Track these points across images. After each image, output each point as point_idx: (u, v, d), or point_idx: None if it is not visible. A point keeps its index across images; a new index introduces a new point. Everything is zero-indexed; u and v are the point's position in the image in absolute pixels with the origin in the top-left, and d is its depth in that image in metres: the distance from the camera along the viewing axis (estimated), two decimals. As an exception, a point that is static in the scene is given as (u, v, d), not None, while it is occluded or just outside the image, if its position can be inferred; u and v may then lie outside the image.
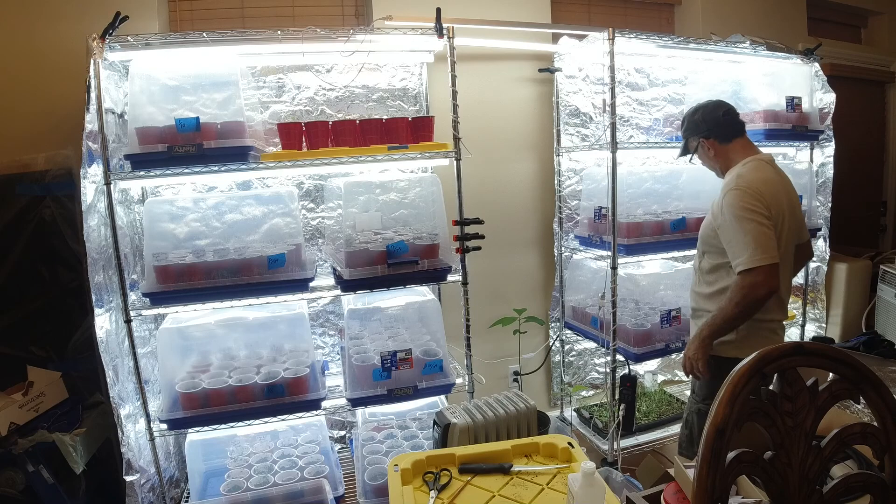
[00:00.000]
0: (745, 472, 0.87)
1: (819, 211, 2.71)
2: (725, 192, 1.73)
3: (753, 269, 1.60)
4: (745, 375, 0.86)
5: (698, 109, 1.91)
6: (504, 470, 1.31)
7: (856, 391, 0.90)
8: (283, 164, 1.91)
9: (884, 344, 2.59)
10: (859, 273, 2.84)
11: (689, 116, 1.93)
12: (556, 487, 1.24)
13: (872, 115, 3.83)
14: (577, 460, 1.30)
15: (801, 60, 2.63)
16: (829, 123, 2.66)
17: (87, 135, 1.66)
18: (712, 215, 1.77)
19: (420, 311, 2.18)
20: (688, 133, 1.94)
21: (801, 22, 3.28)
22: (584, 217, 2.49)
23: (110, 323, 1.75)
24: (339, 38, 1.94)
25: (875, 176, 3.92)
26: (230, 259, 1.86)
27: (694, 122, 1.91)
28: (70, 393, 1.99)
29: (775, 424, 0.87)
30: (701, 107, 1.91)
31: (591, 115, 2.63)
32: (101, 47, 1.71)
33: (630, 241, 2.20)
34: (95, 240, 1.69)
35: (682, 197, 2.48)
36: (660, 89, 2.76)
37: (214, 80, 1.87)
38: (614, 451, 2.27)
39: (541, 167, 2.65)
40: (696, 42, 2.41)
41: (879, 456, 0.91)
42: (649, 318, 2.27)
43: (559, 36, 2.47)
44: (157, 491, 1.90)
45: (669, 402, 2.61)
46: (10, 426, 1.78)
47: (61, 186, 1.99)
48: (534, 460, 1.35)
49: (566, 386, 2.71)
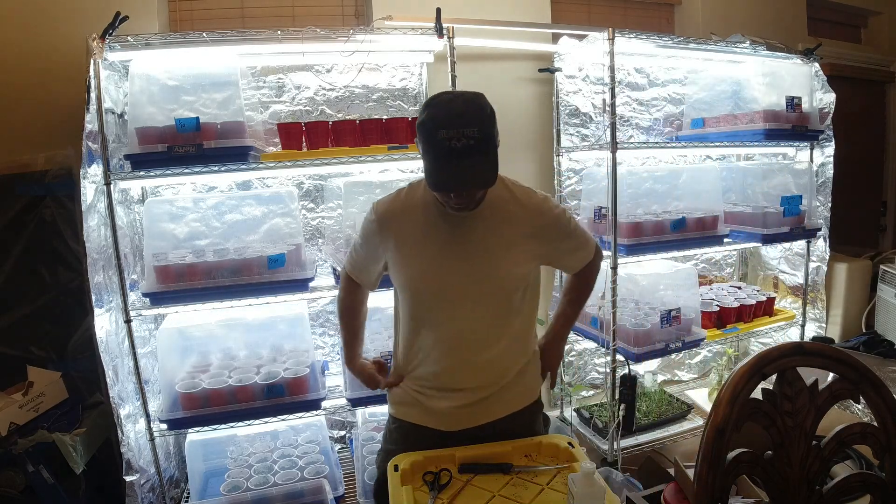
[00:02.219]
0: (745, 472, 0.87)
1: (819, 211, 2.71)
2: (546, 209, 1.40)
3: (598, 249, 1.55)
4: (745, 375, 0.86)
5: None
6: (504, 470, 1.30)
7: (856, 391, 0.90)
8: (283, 164, 1.91)
9: (884, 344, 2.59)
10: (859, 273, 2.84)
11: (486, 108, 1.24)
12: (556, 487, 1.24)
13: (872, 115, 3.83)
14: (578, 460, 1.30)
15: (801, 60, 2.63)
16: (829, 123, 2.66)
17: (87, 135, 1.66)
18: (539, 239, 1.39)
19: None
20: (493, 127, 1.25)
21: (801, 22, 3.28)
22: (584, 217, 2.48)
23: (110, 323, 1.75)
24: (339, 38, 1.94)
25: (875, 176, 3.93)
26: (230, 259, 1.86)
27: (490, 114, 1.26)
28: (70, 393, 1.99)
29: (775, 424, 0.87)
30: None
31: (591, 115, 2.63)
32: (101, 47, 1.71)
33: (630, 241, 2.20)
34: (95, 240, 1.69)
35: (682, 197, 2.47)
36: (660, 89, 2.76)
37: (214, 80, 1.87)
38: (614, 451, 2.27)
39: (541, 167, 2.65)
40: (696, 42, 2.41)
41: (879, 456, 0.91)
42: (649, 318, 2.27)
43: (559, 36, 2.47)
44: (157, 491, 1.90)
45: (669, 402, 2.61)
46: (10, 426, 1.78)
47: (61, 186, 2.00)
48: (534, 460, 1.35)
49: (566, 386, 2.71)
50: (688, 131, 2.74)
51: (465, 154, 1.16)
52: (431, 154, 1.19)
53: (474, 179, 1.20)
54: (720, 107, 2.64)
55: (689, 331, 2.33)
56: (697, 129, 2.69)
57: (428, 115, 1.19)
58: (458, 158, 1.16)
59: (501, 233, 1.37)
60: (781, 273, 2.90)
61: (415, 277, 1.37)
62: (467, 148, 1.16)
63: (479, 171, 1.19)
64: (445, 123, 1.16)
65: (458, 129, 1.16)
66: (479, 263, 1.36)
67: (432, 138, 1.17)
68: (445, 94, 1.23)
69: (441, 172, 1.19)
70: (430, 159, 1.20)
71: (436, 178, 1.20)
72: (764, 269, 3.00)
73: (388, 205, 1.40)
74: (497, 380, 1.40)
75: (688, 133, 2.73)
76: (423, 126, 1.20)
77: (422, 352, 1.41)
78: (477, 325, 1.38)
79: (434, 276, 1.35)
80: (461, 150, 1.16)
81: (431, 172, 1.20)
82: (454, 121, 1.16)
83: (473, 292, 1.36)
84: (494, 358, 1.39)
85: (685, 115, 2.79)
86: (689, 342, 2.31)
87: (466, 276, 1.35)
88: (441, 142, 1.16)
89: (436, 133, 1.16)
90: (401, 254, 1.37)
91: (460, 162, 1.17)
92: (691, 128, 2.72)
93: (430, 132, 1.17)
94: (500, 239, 1.37)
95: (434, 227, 1.36)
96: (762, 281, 3.01)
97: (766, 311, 2.65)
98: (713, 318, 2.47)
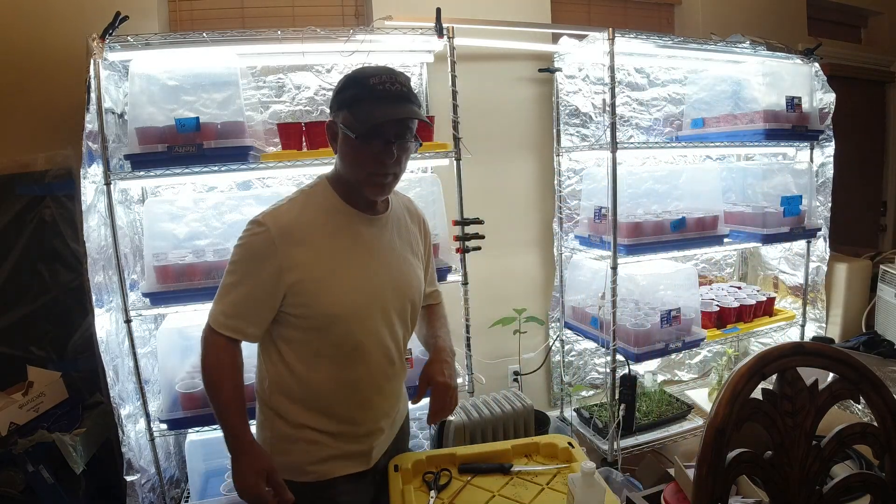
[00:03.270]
0: (745, 472, 0.87)
1: (819, 211, 2.71)
2: (426, 220, 1.41)
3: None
4: (745, 375, 0.86)
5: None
6: (504, 470, 1.30)
7: (856, 391, 0.90)
8: (283, 164, 1.91)
9: (884, 344, 2.59)
10: (859, 273, 2.84)
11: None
12: (556, 487, 1.24)
13: (872, 115, 3.83)
14: (577, 460, 1.30)
15: (801, 60, 2.63)
16: (829, 123, 2.66)
17: (87, 135, 1.66)
18: (416, 252, 1.33)
19: (420, 311, 2.18)
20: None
21: (801, 22, 3.28)
22: (584, 217, 2.48)
23: (110, 323, 1.75)
24: (339, 38, 1.94)
25: (875, 176, 3.92)
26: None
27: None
28: (70, 393, 1.99)
29: (775, 424, 0.87)
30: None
31: (591, 115, 2.62)
32: (101, 47, 1.71)
33: (630, 241, 2.20)
34: (95, 240, 1.69)
35: (682, 197, 2.47)
36: (660, 89, 2.76)
37: (214, 80, 1.87)
38: (614, 451, 2.27)
39: (541, 167, 2.65)
40: (696, 42, 2.41)
41: (879, 456, 0.91)
42: (649, 318, 2.27)
43: (559, 36, 2.47)
44: (158, 491, 1.90)
45: (669, 402, 2.61)
46: (10, 426, 1.78)
47: (61, 186, 2.00)
48: (534, 460, 1.35)
49: (566, 386, 2.70)
50: (688, 131, 2.74)
51: (403, 98, 1.11)
52: (366, 100, 1.10)
53: (417, 115, 1.12)
54: (720, 107, 2.64)
55: (689, 331, 2.33)
56: (697, 129, 2.69)
57: (353, 73, 1.14)
58: (396, 100, 1.10)
59: (407, 239, 1.28)
60: (781, 273, 2.90)
61: (340, 301, 1.12)
62: (403, 94, 1.11)
63: (419, 114, 1.13)
64: (376, 72, 1.11)
65: (390, 75, 1.11)
66: (401, 273, 1.22)
67: (365, 85, 1.10)
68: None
69: (384, 109, 1.09)
70: (365, 105, 1.09)
71: (377, 113, 1.08)
72: (764, 269, 3.00)
73: (284, 215, 1.13)
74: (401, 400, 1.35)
75: (688, 133, 2.73)
76: (351, 81, 1.13)
77: (333, 394, 1.17)
78: (398, 346, 1.23)
79: (366, 294, 1.15)
80: (397, 93, 1.10)
81: (370, 112, 1.08)
82: (382, 71, 1.12)
83: (399, 308, 1.21)
84: (401, 377, 1.30)
85: (685, 115, 2.79)
86: (689, 342, 2.31)
87: (393, 291, 1.20)
88: (375, 86, 1.09)
89: (367, 81, 1.10)
90: (314, 275, 1.11)
91: (398, 103, 1.10)
92: (691, 128, 2.72)
93: (361, 81, 1.11)
94: (408, 245, 1.26)
95: (348, 235, 1.16)
96: (762, 281, 3.01)
97: (766, 311, 2.65)
98: (713, 318, 2.47)
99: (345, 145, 1.13)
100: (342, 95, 1.14)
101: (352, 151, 1.13)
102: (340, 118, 1.13)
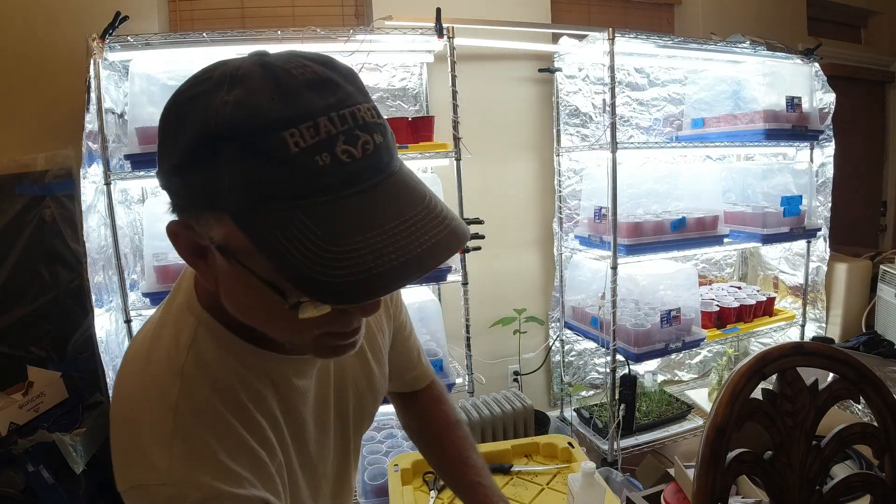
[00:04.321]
0: (745, 472, 0.87)
1: (819, 211, 2.71)
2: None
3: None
4: (744, 375, 0.86)
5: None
6: (504, 470, 1.30)
7: (856, 391, 0.90)
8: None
9: (884, 344, 2.59)
10: (859, 273, 2.84)
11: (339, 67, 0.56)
12: (556, 487, 1.24)
13: (872, 115, 3.83)
14: (577, 460, 1.30)
15: (801, 60, 2.63)
16: (829, 123, 2.66)
17: (87, 135, 1.66)
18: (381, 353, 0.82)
19: (420, 311, 2.18)
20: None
21: (801, 22, 3.28)
22: (584, 217, 2.48)
23: (110, 323, 1.75)
24: (339, 38, 1.94)
25: (875, 176, 3.92)
26: (230, 259, 1.86)
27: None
28: (70, 393, 1.99)
29: (775, 424, 0.87)
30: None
31: (591, 115, 2.63)
32: (101, 47, 1.71)
33: (630, 241, 2.20)
34: (95, 240, 1.69)
35: (682, 197, 2.48)
36: (660, 89, 2.76)
37: (214, 80, 1.87)
38: (614, 451, 2.27)
39: (541, 167, 2.65)
40: (696, 42, 2.41)
41: (879, 456, 0.91)
42: (649, 318, 2.27)
43: (559, 36, 2.47)
44: (157, 491, 1.90)
45: (669, 402, 2.61)
46: (10, 426, 1.78)
47: (61, 186, 2.00)
48: (534, 460, 1.35)
49: (566, 386, 2.71)
50: (688, 131, 2.74)
51: (377, 170, 0.49)
52: (323, 202, 0.46)
53: (457, 241, 0.52)
54: (720, 107, 2.64)
55: (689, 331, 2.33)
56: (697, 129, 2.69)
57: (244, 109, 0.45)
58: (373, 184, 0.48)
59: (371, 343, 0.79)
60: (781, 273, 2.90)
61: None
62: (367, 154, 0.48)
63: (459, 233, 0.53)
64: (296, 112, 0.45)
65: (329, 114, 0.47)
66: (356, 412, 0.78)
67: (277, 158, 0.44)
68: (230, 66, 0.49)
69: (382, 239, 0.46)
70: (325, 222, 0.45)
71: (371, 259, 0.44)
72: (764, 269, 3.00)
73: (213, 411, 0.58)
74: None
75: (688, 133, 2.74)
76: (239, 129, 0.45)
77: None
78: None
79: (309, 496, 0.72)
80: (363, 161, 0.47)
81: (358, 260, 0.44)
82: (310, 97, 0.47)
83: (347, 454, 0.80)
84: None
85: (685, 115, 2.79)
86: (689, 342, 2.31)
87: (341, 444, 0.77)
88: (307, 161, 0.45)
89: (283, 142, 0.44)
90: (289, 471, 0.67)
91: (377, 190, 0.48)
92: (691, 128, 2.72)
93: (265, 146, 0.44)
94: (368, 354, 0.78)
95: (276, 410, 0.65)
96: (762, 281, 3.01)
97: (766, 311, 2.65)
98: (713, 318, 2.47)
99: (260, 294, 0.50)
100: (219, 175, 0.46)
101: (283, 311, 0.49)
102: (217, 233, 0.50)
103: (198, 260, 0.55)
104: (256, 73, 0.47)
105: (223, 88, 0.47)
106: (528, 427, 2.03)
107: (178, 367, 0.58)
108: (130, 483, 0.54)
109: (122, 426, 0.57)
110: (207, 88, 0.47)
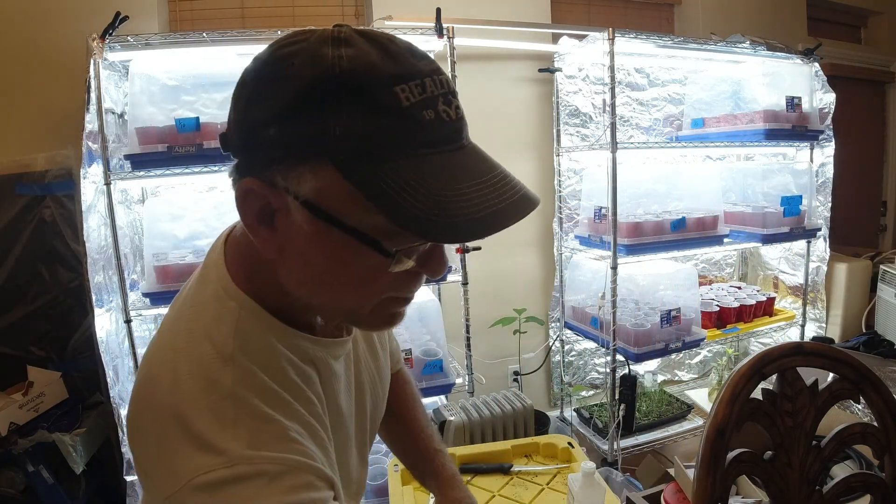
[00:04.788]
0: (745, 472, 0.87)
1: (819, 211, 2.71)
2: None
3: None
4: (745, 375, 0.86)
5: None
6: (504, 470, 1.31)
7: (856, 391, 0.90)
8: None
9: (884, 344, 2.59)
10: (859, 273, 2.84)
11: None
12: (556, 487, 1.24)
13: (872, 115, 3.83)
14: (577, 460, 1.30)
15: (801, 60, 2.63)
16: (829, 123, 2.66)
17: (87, 135, 1.66)
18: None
19: (420, 311, 2.17)
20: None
21: (801, 22, 3.28)
22: (583, 217, 2.49)
23: (110, 323, 1.75)
24: (339, 38, 1.94)
25: (875, 176, 3.92)
26: (230, 259, 1.86)
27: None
28: (70, 393, 1.99)
29: (775, 424, 0.87)
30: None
31: (591, 115, 2.63)
32: (101, 47, 1.71)
33: (630, 241, 2.20)
34: (95, 240, 1.69)
35: (682, 197, 2.48)
36: (660, 89, 2.76)
37: (214, 80, 1.87)
38: (614, 451, 2.27)
39: (541, 167, 2.65)
40: (696, 42, 2.41)
41: (879, 456, 0.91)
42: (649, 318, 2.27)
43: (559, 36, 2.47)
44: (157, 491, 1.90)
45: (669, 402, 2.61)
46: (10, 426, 1.78)
47: (61, 186, 2.00)
48: (534, 460, 1.35)
49: (566, 386, 2.71)
50: (688, 131, 2.74)
51: (462, 136, 0.55)
52: (409, 158, 0.49)
53: (529, 203, 0.58)
54: (720, 107, 2.65)
55: (689, 331, 2.33)
56: (697, 129, 2.69)
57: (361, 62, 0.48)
58: (461, 148, 0.54)
59: (380, 333, 0.83)
60: (781, 273, 2.91)
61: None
62: (460, 117, 0.54)
63: (528, 197, 0.58)
64: (393, 62, 0.49)
65: (433, 76, 0.51)
66: (376, 399, 0.80)
67: (394, 110, 0.48)
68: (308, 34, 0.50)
69: (465, 191, 0.50)
70: (407, 174, 0.48)
71: (458, 208, 0.48)
72: (764, 269, 3.00)
73: (271, 393, 0.57)
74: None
75: (688, 133, 2.74)
76: (343, 89, 0.47)
77: None
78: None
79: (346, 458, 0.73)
80: (454, 128, 0.53)
81: (439, 206, 0.48)
82: (407, 60, 0.50)
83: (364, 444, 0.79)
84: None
85: (685, 115, 2.79)
86: (689, 342, 2.31)
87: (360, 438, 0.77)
88: (419, 119, 0.49)
89: (392, 99, 0.48)
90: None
91: (465, 151, 0.55)
92: (691, 128, 2.72)
93: (377, 98, 0.47)
94: (381, 344, 0.82)
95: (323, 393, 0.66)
96: (762, 281, 3.01)
97: (766, 311, 2.65)
98: (713, 318, 2.47)
99: (341, 253, 0.53)
100: (328, 125, 0.47)
101: (365, 268, 0.53)
102: (308, 186, 0.50)
103: (260, 226, 0.55)
104: (357, 38, 0.50)
105: (328, 45, 0.48)
106: (528, 427, 2.03)
107: (228, 355, 0.56)
108: (188, 477, 0.49)
109: (167, 424, 0.52)
110: (311, 46, 0.49)
